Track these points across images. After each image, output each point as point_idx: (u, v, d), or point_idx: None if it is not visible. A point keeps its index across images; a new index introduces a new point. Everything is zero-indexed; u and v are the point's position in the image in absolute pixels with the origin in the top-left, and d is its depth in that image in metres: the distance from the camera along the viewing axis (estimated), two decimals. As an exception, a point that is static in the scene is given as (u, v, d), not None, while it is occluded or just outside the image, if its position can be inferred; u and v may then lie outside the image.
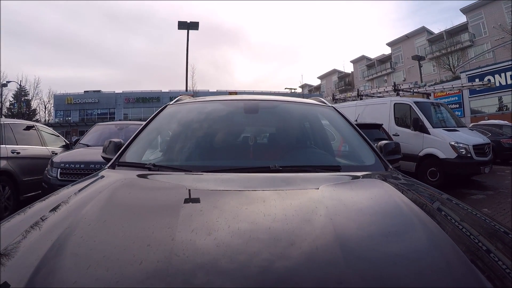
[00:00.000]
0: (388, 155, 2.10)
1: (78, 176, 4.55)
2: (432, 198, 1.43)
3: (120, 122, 7.58)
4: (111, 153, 2.11)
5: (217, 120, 2.40)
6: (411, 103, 9.06)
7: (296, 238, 0.89)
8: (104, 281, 0.71)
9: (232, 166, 1.73)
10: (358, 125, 7.22)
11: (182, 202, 1.16)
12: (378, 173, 1.73)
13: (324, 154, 2.26)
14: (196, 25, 23.37)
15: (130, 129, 6.69)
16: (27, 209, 1.22)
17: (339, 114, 2.49)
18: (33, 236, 0.96)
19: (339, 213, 1.09)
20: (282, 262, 0.78)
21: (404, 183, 1.58)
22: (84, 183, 1.50)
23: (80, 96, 49.15)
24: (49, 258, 0.80)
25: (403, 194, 1.32)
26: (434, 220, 1.04)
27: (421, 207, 1.17)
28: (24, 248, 0.88)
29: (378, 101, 10.61)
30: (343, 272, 0.74)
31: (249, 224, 0.97)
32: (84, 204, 1.15)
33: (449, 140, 7.90)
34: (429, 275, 0.76)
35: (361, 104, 11.01)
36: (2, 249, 0.88)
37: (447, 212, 1.26)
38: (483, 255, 0.89)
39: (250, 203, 1.18)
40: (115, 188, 1.37)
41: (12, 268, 0.79)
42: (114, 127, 6.98)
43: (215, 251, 0.81)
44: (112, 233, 0.96)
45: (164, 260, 0.76)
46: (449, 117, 9.43)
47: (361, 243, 0.89)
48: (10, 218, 1.14)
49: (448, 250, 0.86)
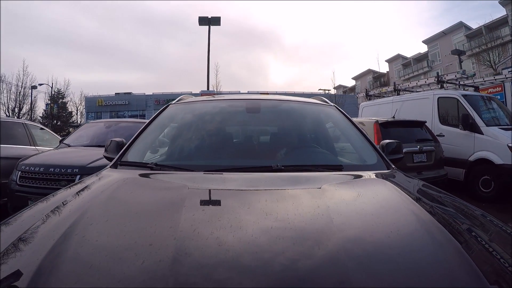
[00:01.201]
0: (390, 155, 2.11)
1: (36, 181, 3.95)
2: (435, 198, 1.42)
3: (110, 120, 7.02)
4: (113, 153, 2.10)
5: (219, 120, 2.38)
6: (459, 96, 7.44)
7: (298, 237, 0.90)
8: (106, 281, 0.72)
9: (234, 166, 1.73)
10: (396, 122, 5.89)
11: (184, 202, 1.13)
12: (380, 172, 1.73)
13: (326, 154, 2.20)
14: (218, 20, 22.16)
15: (120, 127, 6.06)
16: (29, 209, 1.23)
17: (341, 113, 2.49)
18: (35, 235, 0.96)
19: (341, 212, 1.10)
20: (284, 262, 0.78)
21: (406, 183, 1.58)
22: (86, 182, 1.51)
23: (111, 98, 49.98)
24: (51, 258, 0.80)
25: (405, 193, 1.32)
26: (436, 219, 1.05)
27: (423, 206, 1.18)
28: (26, 248, 0.89)
29: (418, 96, 9.00)
30: (345, 271, 0.75)
31: (251, 224, 0.98)
32: (86, 203, 1.16)
33: (508, 141, 6.23)
34: (431, 275, 0.76)
35: (398, 100, 9.49)
36: (4, 248, 0.88)
37: (449, 212, 1.23)
38: (486, 255, 0.89)
39: (252, 202, 1.19)
40: (117, 187, 1.39)
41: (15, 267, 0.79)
42: (102, 125, 6.34)
43: (217, 250, 0.81)
44: (114, 233, 0.97)
45: (166, 259, 0.77)
46: (502, 114, 7.59)
47: (363, 243, 0.89)
48: (12, 218, 1.14)
49: (451, 249, 0.86)
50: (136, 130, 6.05)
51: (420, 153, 6.28)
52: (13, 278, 0.75)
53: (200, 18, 22.03)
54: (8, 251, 0.87)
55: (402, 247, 0.90)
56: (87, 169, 3.95)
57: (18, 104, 29.57)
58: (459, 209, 1.27)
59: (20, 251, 0.88)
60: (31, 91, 31.12)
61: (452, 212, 1.23)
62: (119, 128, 6.00)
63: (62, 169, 3.98)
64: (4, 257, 0.84)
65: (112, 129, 6.00)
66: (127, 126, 6.00)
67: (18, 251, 0.88)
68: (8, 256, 0.85)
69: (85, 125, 6.81)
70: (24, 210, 1.22)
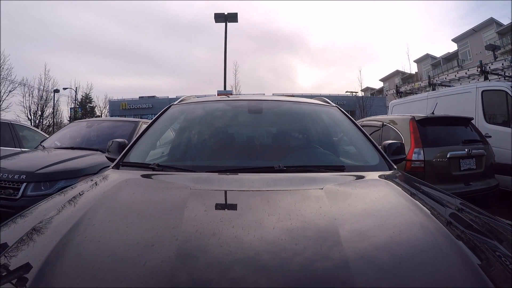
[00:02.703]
0: (393, 155, 2.12)
1: None
2: (437, 198, 1.40)
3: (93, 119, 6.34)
4: (115, 153, 2.11)
5: (221, 120, 2.40)
6: (508, 88, 6.27)
7: (300, 239, 0.89)
8: (108, 281, 0.72)
9: (236, 166, 1.74)
10: (436, 120, 4.76)
11: (186, 202, 1.14)
12: (382, 173, 1.72)
13: (328, 154, 2.18)
14: (234, 17, 20.82)
15: (103, 126, 5.37)
16: (31, 210, 1.24)
17: (343, 113, 2.50)
18: (38, 236, 0.97)
19: (343, 213, 1.11)
20: (285, 262, 0.79)
21: (408, 183, 1.57)
22: (88, 183, 1.51)
23: (135, 102, 50.79)
24: (54, 258, 0.81)
25: (407, 194, 1.32)
26: (439, 220, 1.05)
27: (425, 207, 1.18)
28: (28, 248, 0.90)
29: (458, 90, 7.72)
30: (348, 272, 0.75)
31: (253, 224, 0.98)
32: (89, 204, 1.17)
33: None
34: (433, 275, 0.77)
35: (434, 95, 8.34)
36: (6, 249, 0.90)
37: (452, 212, 1.26)
38: (489, 255, 0.88)
39: (254, 203, 1.19)
40: (119, 188, 1.39)
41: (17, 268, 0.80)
42: (84, 125, 5.64)
43: (219, 251, 0.82)
44: (116, 233, 0.97)
45: (168, 260, 0.77)
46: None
47: (365, 243, 0.90)
48: (15, 218, 1.16)
49: (452, 250, 0.87)
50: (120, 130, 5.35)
51: (469, 158, 4.81)
52: (16, 278, 0.76)
53: (216, 15, 20.88)
54: (10, 251, 0.88)
55: (405, 248, 0.90)
56: (35, 176, 3.38)
57: (40, 108, 29.81)
58: (461, 210, 1.30)
59: (22, 251, 0.88)
60: (53, 95, 31.48)
61: (454, 213, 1.27)
62: (101, 128, 5.31)
63: (9, 175, 3.38)
64: (7, 257, 0.85)
65: (94, 128, 5.36)
66: (111, 126, 5.33)
67: (20, 251, 0.88)
68: (11, 256, 0.85)
69: (70, 124, 6.23)
70: (26, 211, 1.23)
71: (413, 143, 4.68)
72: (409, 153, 4.59)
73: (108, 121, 5.63)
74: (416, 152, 4.58)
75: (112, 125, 5.32)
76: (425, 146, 4.64)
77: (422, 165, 4.53)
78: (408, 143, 4.71)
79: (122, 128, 5.08)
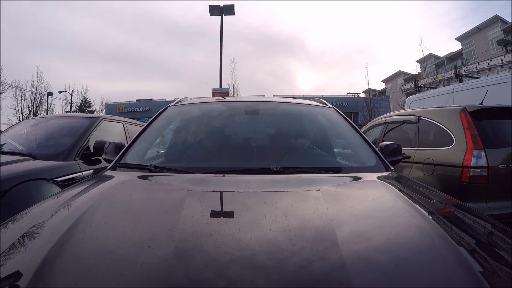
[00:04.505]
0: (389, 156, 2.08)
1: None
2: (434, 199, 1.41)
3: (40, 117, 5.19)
4: (112, 155, 2.07)
5: (218, 121, 2.39)
6: None
7: (297, 240, 0.88)
8: (105, 283, 0.71)
9: (233, 168, 1.71)
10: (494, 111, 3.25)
11: (183, 204, 1.12)
12: (379, 174, 1.69)
13: (325, 155, 2.18)
14: (231, 9, 19.14)
15: (48, 124, 4.16)
16: (28, 211, 1.22)
17: (339, 115, 2.48)
18: (34, 237, 0.95)
19: (340, 214, 1.10)
20: (282, 262, 0.78)
21: (405, 184, 1.56)
22: (85, 184, 1.49)
23: (132, 105, 50.02)
24: (51, 260, 0.80)
25: (404, 195, 1.31)
26: (435, 221, 1.04)
27: (422, 208, 1.16)
28: (25, 250, 0.89)
29: (492, 80, 6.47)
30: (344, 273, 0.74)
31: (250, 225, 0.97)
32: (85, 205, 1.15)
33: None
34: (430, 276, 0.76)
35: (460, 88, 7.19)
36: (3, 250, 0.88)
37: (448, 214, 1.24)
38: (485, 256, 0.87)
39: (251, 204, 1.17)
40: (116, 189, 1.39)
41: (13, 269, 0.79)
42: (31, 123, 4.38)
43: (215, 251, 0.81)
44: (113, 235, 0.95)
45: (165, 261, 0.76)
46: None
47: (362, 244, 0.88)
48: (12, 220, 1.14)
49: (449, 251, 0.86)
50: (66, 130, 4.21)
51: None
52: (13, 279, 0.75)
53: (211, 7, 19.13)
54: (7, 252, 0.87)
55: (402, 249, 0.89)
56: None
57: (32, 111, 28.62)
58: (458, 210, 1.28)
59: (19, 253, 0.87)
60: (47, 98, 30.35)
61: (451, 214, 1.25)
62: (46, 127, 4.12)
63: None
64: (3, 258, 0.83)
65: (39, 127, 4.14)
66: (59, 124, 4.12)
67: (17, 253, 0.87)
68: (8, 257, 0.84)
69: (21, 122, 5.02)
70: (23, 212, 1.21)
71: (470, 142, 3.32)
72: (465, 158, 3.26)
73: (58, 117, 4.43)
74: (476, 156, 3.21)
75: (60, 122, 4.09)
76: (486, 147, 3.26)
77: (485, 173, 3.15)
78: (461, 143, 3.42)
79: (70, 126, 3.88)
